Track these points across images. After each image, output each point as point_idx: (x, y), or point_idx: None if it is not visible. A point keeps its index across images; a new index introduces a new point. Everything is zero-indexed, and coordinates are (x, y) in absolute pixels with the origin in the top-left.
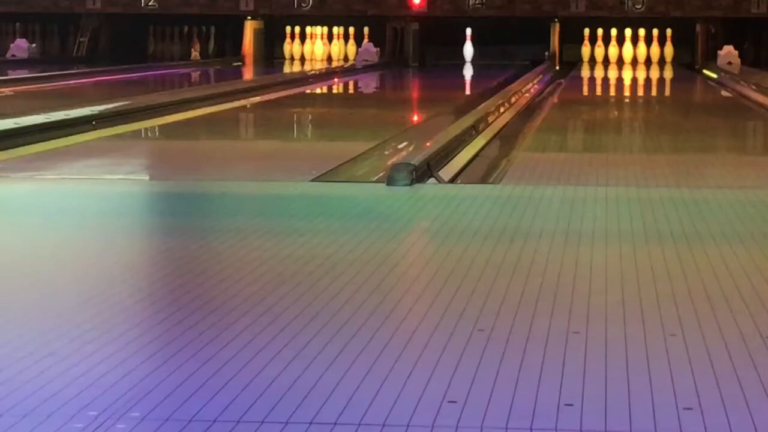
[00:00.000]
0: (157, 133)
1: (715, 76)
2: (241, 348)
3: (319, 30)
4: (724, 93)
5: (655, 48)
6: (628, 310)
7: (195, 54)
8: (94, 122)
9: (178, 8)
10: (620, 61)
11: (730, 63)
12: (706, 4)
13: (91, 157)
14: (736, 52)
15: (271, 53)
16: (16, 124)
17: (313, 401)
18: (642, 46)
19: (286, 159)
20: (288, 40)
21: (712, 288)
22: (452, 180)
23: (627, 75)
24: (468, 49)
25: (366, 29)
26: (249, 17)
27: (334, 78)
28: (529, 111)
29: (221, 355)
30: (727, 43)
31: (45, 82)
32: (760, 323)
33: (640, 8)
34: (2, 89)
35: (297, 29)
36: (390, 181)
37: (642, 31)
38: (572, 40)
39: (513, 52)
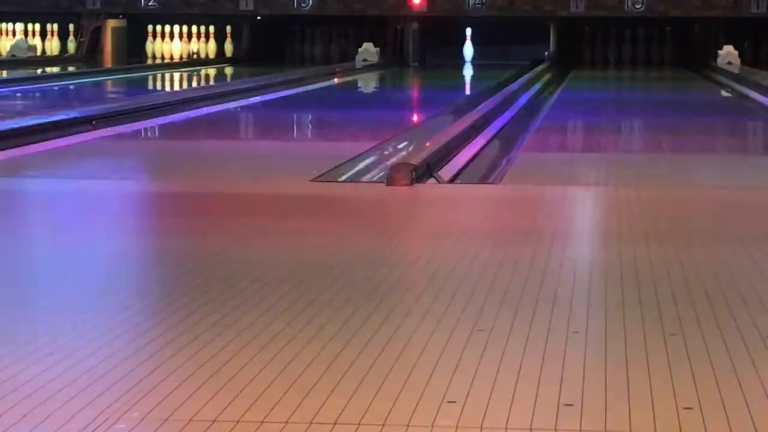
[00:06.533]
0: (157, 133)
1: (714, 76)
2: (241, 348)
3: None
4: (724, 93)
5: (655, 48)
6: (628, 310)
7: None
8: (94, 122)
9: (179, 8)
10: (620, 61)
11: (730, 63)
12: (706, 4)
13: (91, 157)
14: (736, 52)
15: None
16: (16, 124)
17: (313, 401)
18: (642, 46)
19: (286, 159)
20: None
21: (712, 288)
22: (452, 180)
23: (627, 75)
24: (468, 49)
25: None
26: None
27: (333, 78)
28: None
29: (221, 355)
30: (727, 43)
31: (45, 82)
32: (760, 323)
33: (640, 8)
34: (3, 89)
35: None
36: (390, 181)
37: (642, 31)
38: (571, 40)
39: (513, 52)
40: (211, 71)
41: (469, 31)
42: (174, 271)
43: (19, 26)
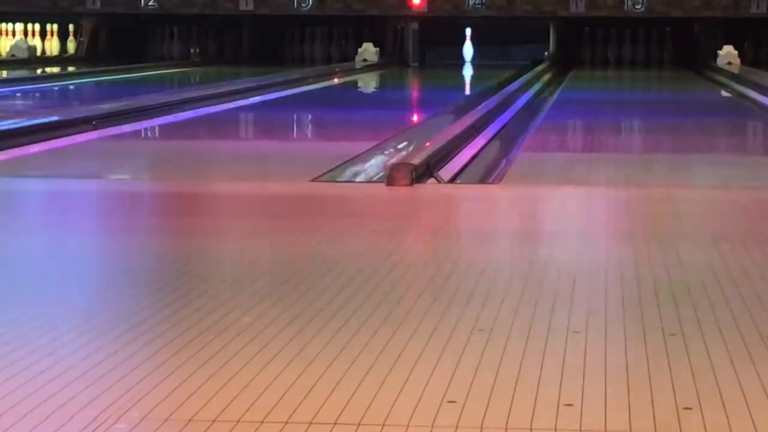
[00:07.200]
0: (157, 133)
1: (714, 76)
2: (241, 348)
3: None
4: (724, 93)
5: (655, 48)
6: (628, 310)
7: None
8: (94, 122)
9: (178, 8)
10: (620, 61)
11: (730, 63)
12: (706, 4)
13: (91, 157)
14: (736, 52)
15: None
16: (16, 124)
17: (313, 401)
18: (642, 46)
19: (286, 159)
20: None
21: (712, 288)
22: (452, 180)
23: (627, 75)
24: (468, 49)
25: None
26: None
27: (333, 78)
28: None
29: (221, 355)
30: (727, 43)
31: (45, 82)
32: (760, 323)
33: (640, 8)
34: (3, 89)
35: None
36: (390, 181)
37: (642, 32)
38: (571, 40)
39: (513, 52)
40: (211, 71)
41: (468, 31)
42: (174, 271)
43: (19, 26)
